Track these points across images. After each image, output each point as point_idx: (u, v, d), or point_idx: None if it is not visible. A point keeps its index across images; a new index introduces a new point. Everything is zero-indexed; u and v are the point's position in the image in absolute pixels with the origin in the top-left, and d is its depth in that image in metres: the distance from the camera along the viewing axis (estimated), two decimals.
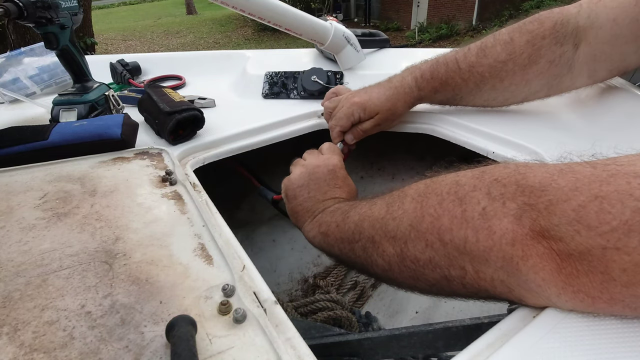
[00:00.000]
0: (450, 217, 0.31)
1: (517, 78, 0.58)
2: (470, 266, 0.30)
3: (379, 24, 11.43)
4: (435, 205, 0.33)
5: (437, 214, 0.32)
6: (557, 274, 0.26)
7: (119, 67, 0.95)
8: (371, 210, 0.40)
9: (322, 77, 0.79)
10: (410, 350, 0.41)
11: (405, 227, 0.35)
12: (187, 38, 11.88)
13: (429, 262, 0.33)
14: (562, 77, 0.57)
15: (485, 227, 0.29)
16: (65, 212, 0.40)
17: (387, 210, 0.38)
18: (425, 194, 0.35)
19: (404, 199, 0.37)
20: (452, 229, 0.31)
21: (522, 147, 0.54)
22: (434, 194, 0.34)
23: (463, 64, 0.60)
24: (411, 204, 0.35)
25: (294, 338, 0.28)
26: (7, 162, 0.49)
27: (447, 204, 0.32)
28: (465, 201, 0.31)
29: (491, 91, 0.61)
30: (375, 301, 0.81)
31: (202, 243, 0.36)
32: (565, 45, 0.55)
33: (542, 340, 0.27)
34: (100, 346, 0.26)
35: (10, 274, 0.32)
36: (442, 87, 0.62)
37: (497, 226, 0.28)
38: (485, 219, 0.29)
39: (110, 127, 0.53)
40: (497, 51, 0.58)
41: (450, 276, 0.32)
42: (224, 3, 0.67)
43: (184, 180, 0.46)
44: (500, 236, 0.28)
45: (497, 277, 0.29)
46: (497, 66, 0.58)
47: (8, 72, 0.90)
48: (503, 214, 0.28)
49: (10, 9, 0.53)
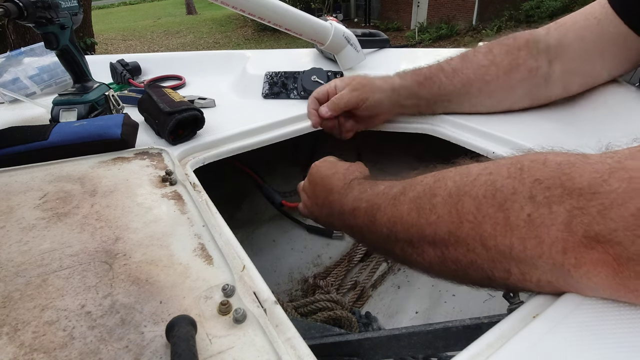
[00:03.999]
0: (492, 223, 0.29)
1: (502, 82, 0.60)
2: (516, 269, 0.29)
3: (379, 24, 11.43)
4: (473, 211, 0.30)
5: (476, 220, 0.30)
6: (613, 277, 0.25)
7: (119, 67, 0.95)
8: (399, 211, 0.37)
9: (322, 77, 0.79)
10: (410, 350, 0.41)
11: (444, 232, 0.33)
12: (187, 38, 11.89)
13: (471, 264, 0.32)
14: (541, 87, 0.60)
15: (533, 235, 0.27)
16: (65, 212, 0.40)
17: (418, 215, 0.35)
18: (458, 196, 0.32)
19: (434, 200, 0.34)
20: (495, 235, 0.29)
21: (522, 147, 0.54)
22: (468, 197, 0.31)
23: (446, 66, 0.62)
24: (444, 208, 0.33)
25: (294, 338, 0.28)
26: (7, 162, 0.49)
27: (486, 209, 0.30)
28: (506, 206, 0.29)
29: (479, 94, 0.62)
30: (375, 301, 0.81)
31: (202, 243, 0.36)
32: (540, 60, 0.59)
33: (542, 340, 0.27)
34: (100, 346, 0.26)
35: (10, 274, 0.32)
36: (427, 81, 0.62)
37: (545, 234, 0.27)
38: (531, 226, 0.27)
39: (110, 127, 0.53)
40: (479, 58, 0.61)
41: (494, 277, 0.31)
42: (224, 3, 0.67)
43: (184, 180, 0.46)
44: (550, 245, 0.26)
45: (545, 279, 0.28)
46: (481, 69, 0.60)
47: (8, 72, 0.90)
48: (551, 220, 0.26)
49: (10, 9, 0.53)
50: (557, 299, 0.30)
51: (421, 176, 0.38)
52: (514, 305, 0.36)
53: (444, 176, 0.35)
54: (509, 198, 0.29)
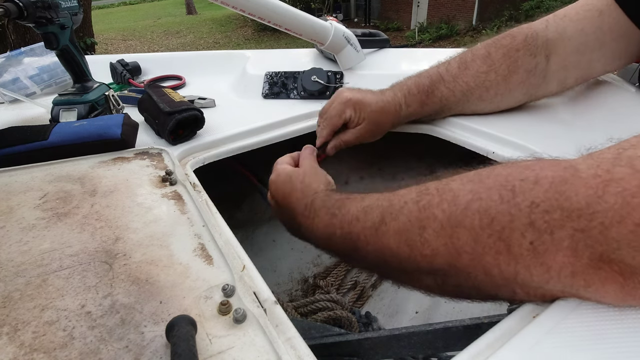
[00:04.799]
0: (493, 254, 0.28)
1: (502, 88, 0.60)
2: (521, 290, 0.29)
3: (379, 24, 11.43)
4: (471, 243, 0.29)
5: (475, 252, 0.29)
6: (621, 291, 0.25)
7: (119, 67, 0.95)
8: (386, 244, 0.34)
9: (322, 77, 0.79)
10: (410, 350, 0.41)
11: (441, 264, 0.31)
12: (187, 38, 11.88)
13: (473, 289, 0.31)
14: (539, 86, 0.60)
15: (539, 263, 0.27)
16: (65, 212, 0.40)
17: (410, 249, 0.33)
18: (451, 228, 0.30)
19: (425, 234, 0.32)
20: (499, 265, 0.28)
21: (522, 147, 0.54)
22: (462, 228, 0.30)
23: (447, 75, 0.61)
24: (438, 241, 0.31)
25: (294, 338, 0.28)
26: (7, 162, 0.49)
27: (485, 240, 0.29)
28: (505, 235, 0.28)
29: (479, 102, 0.62)
30: (375, 301, 0.81)
31: (202, 243, 0.36)
32: (538, 57, 0.58)
33: (542, 340, 0.27)
34: (100, 346, 0.26)
35: (10, 274, 0.32)
36: (429, 98, 0.61)
37: (552, 261, 0.26)
38: (536, 254, 0.27)
39: (110, 127, 0.53)
40: (478, 64, 0.60)
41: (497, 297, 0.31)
42: (224, 3, 0.67)
43: (184, 180, 0.46)
44: (558, 271, 0.27)
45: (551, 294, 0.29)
46: (480, 76, 0.60)
47: (8, 72, 0.90)
48: (555, 247, 0.26)
49: (10, 9, 0.53)
50: (558, 299, 0.30)
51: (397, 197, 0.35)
52: (514, 305, 0.36)
53: (429, 203, 0.32)
54: (507, 226, 0.28)
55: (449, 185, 0.32)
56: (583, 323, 0.28)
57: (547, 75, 0.59)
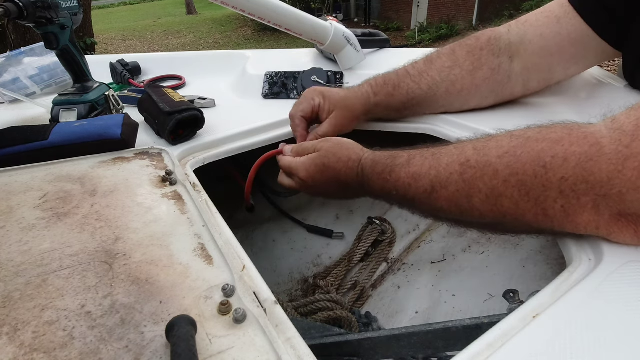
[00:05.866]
0: (533, 214, 0.35)
1: (467, 82, 0.63)
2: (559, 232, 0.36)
3: (379, 24, 11.42)
4: (513, 208, 0.36)
5: (517, 214, 0.36)
6: (635, 235, 0.33)
7: (119, 67, 0.95)
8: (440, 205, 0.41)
9: (322, 77, 0.79)
10: (410, 350, 0.41)
11: (489, 221, 0.39)
12: (187, 38, 11.88)
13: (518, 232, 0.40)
14: (504, 85, 0.63)
15: (569, 221, 0.34)
16: (65, 212, 0.40)
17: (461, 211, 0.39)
18: (494, 197, 0.36)
19: (472, 200, 0.38)
20: (537, 221, 0.35)
21: None
22: (504, 197, 0.36)
23: (412, 70, 0.64)
24: (484, 207, 0.37)
25: (294, 338, 0.28)
26: (7, 162, 0.49)
27: (524, 205, 0.35)
28: (541, 201, 0.34)
29: (447, 96, 0.64)
30: (375, 301, 0.81)
31: (202, 243, 0.36)
32: (502, 57, 0.61)
33: (542, 340, 0.27)
34: (100, 346, 0.26)
35: (10, 274, 0.32)
36: (396, 90, 0.64)
37: (579, 219, 0.33)
38: (567, 214, 0.33)
39: (110, 127, 0.53)
40: (443, 60, 0.63)
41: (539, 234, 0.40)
42: (224, 3, 0.67)
43: (184, 180, 0.46)
44: (584, 226, 0.34)
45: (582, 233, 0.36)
46: (445, 71, 0.63)
47: (8, 72, 0.90)
48: (581, 208, 0.33)
49: (10, 9, 0.53)
50: (558, 300, 0.30)
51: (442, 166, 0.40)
52: (514, 305, 0.36)
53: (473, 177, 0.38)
54: (542, 194, 0.34)
55: (488, 158, 0.37)
56: (584, 323, 0.28)
57: (512, 75, 0.62)
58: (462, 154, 0.40)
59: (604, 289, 0.31)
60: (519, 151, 0.36)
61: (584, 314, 0.29)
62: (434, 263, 0.80)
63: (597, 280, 0.31)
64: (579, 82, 0.71)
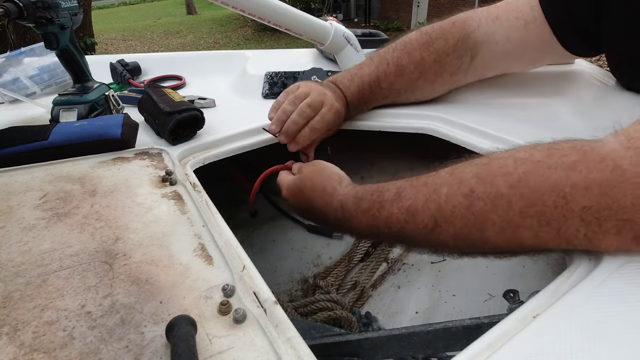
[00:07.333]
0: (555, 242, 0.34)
1: (427, 88, 0.67)
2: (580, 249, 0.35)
3: (379, 24, 11.42)
4: (533, 238, 0.34)
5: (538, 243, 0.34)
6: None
7: (119, 67, 0.95)
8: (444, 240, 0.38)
9: (322, 77, 0.79)
10: (410, 350, 0.41)
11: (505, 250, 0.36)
12: (187, 38, 11.87)
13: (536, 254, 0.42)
14: (459, 82, 0.67)
15: (591, 245, 0.33)
16: (65, 212, 0.40)
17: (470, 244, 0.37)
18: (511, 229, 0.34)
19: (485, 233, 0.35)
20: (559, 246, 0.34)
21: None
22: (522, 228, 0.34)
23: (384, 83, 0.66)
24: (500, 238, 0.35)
25: (294, 338, 0.28)
26: (7, 162, 0.49)
27: (545, 235, 0.33)
28: (563, 230, 0.33)
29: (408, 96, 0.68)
30: (375, 301, 0.81)
31: (202, 243, 0.36)
32: (464, 57, 0.63)
33: (543, 340, 0.27)
34: (100, 346, 0.26)
35: (10, 274, 0.32)
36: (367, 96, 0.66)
37: (601, 243, 0.32)
38: (589, 240, 0.32)
39: (110, 127, 0.53)
40: (411, 69, 0.64)
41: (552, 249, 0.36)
42: (224, 3, 0.67)
43: (184, 180, 0.46)
44: (606, 248, 0.33)
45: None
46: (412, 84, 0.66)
47: (8, 72, 0.90)
48: (604, 234, 0.32)
49: (10, 9, 0.53)
50: (558, 300, 0.30)
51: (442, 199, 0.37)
52: (514, 305, 0.36)
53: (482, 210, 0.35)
54: (564, 224, 0.32)
55: (498, 189, 0.35)
56: (584, 324, 0.28)
57: (469, 72, 0.65)
58: (462, 184, 0.37)
59: (604, 289, 0.31)
60: (532, 180, 0.33)
61: (584, 314, 0.29)
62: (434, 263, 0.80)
63: (597, 281, 0.31)
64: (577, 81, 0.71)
